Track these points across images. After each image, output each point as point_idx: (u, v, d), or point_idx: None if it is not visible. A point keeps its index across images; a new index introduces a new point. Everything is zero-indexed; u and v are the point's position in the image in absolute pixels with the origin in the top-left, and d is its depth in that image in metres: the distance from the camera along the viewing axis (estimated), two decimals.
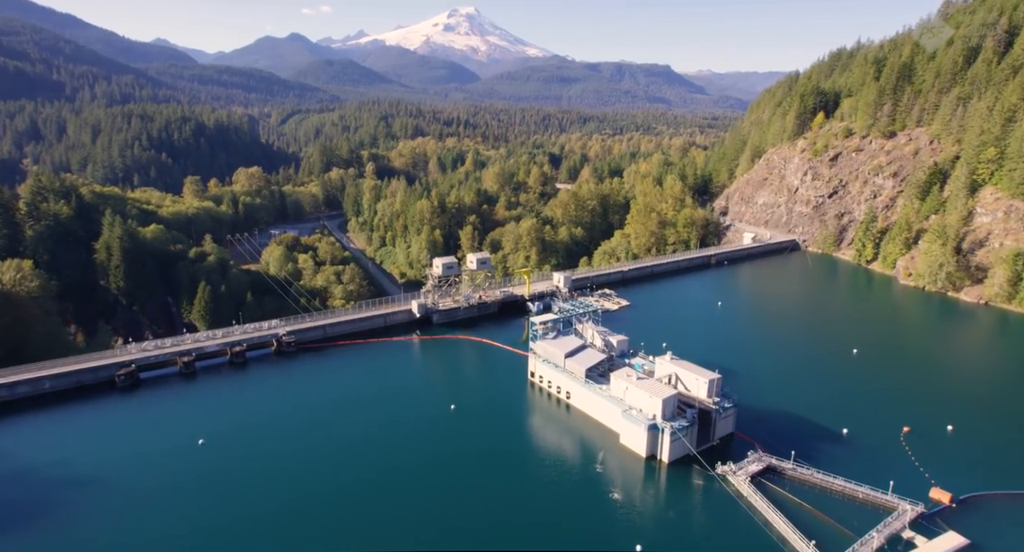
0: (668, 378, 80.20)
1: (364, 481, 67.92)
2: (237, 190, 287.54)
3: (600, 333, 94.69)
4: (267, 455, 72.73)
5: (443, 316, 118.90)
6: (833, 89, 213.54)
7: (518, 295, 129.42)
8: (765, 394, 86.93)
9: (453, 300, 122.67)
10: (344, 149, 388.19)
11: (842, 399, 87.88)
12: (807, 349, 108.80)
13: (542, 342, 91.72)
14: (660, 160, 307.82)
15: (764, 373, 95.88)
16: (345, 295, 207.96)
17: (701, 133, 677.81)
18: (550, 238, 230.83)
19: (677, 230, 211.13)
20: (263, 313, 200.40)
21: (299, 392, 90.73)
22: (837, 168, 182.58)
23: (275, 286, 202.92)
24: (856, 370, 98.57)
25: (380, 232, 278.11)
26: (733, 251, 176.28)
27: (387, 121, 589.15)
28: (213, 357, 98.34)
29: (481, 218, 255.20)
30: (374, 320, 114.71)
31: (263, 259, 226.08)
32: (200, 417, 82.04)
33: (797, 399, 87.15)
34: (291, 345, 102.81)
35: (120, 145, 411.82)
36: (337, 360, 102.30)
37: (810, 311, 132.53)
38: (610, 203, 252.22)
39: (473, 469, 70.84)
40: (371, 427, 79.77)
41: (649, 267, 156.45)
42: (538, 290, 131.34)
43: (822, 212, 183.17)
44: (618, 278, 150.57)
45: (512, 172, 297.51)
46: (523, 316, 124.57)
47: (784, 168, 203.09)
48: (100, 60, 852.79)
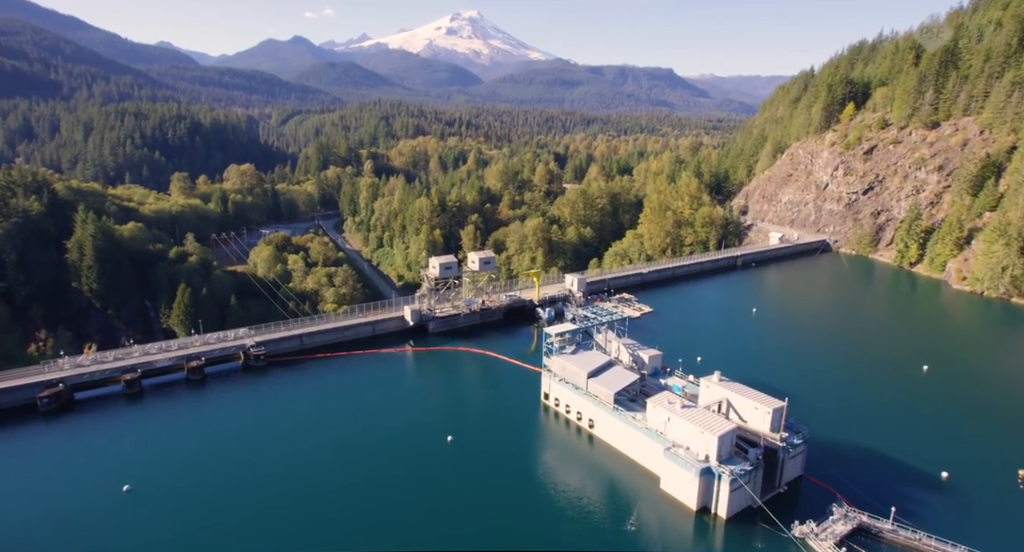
0: (717, 405, 63.71)
1: (338, 537, 51.49)
2: (228, 188, 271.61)
3: (628, 347, 78.15)
4: (212, 506, 56.28)
5: (441, 324, 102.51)
6: (862, 79, 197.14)
7: (526, 300, 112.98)
8: (831, 423, 70.36)
9: (452, 306, 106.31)
10: (342, 147, 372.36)
11: (927, 430, 71.26)
12: (867, 366, 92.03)
13: (559, 358, 75.19)
14: (671, 158, 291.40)
15: (823, 396, 79.20)
16: (337, 298, 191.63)
17: (707, 134, 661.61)
18: (557, 238, 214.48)
19: (695, 230, 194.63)
20: (248, 317, 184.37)
21: (265, 417, 74.30)
22: (872, 162, 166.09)
23: (261, 289, 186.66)
24: (933, 392, 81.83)
25: (377, 232, 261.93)
26: (760, 252, 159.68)
27: (388, 121, 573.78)
28: (165, 373, 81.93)
29: (484, 217, 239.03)
30: (360, 329, 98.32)
31: (251, 260, 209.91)
32: (135, 452, 65.58)
33: (871, 430, 70.57)
34: (261, 358, 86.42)
35: (112, 143, 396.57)
36: (314, 376, 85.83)
37: (858, 320, 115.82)
38: (620, 202, 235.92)
39: (473, 520, 54.47)
40: (349, 464, 63.31)
41: (670, 269, 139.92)
42: (549, 294, 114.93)
43: (856, 210, 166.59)
44: (637, 281, 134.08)
45: (516, 170, 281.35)
46: (532, 324, 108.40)
47: (811, 163, 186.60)
48: (100, 61, 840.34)
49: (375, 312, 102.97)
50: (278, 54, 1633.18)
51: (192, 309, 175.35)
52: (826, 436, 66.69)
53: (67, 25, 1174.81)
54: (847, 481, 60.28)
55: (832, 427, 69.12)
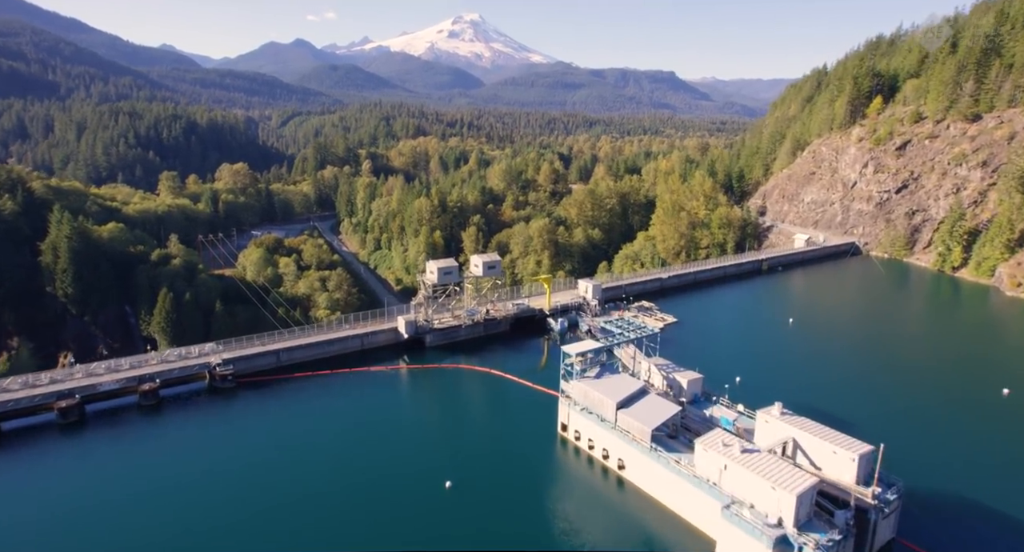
0: (781, 447, 50.69)
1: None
2: (219, 188, 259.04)
3: (661, 368, 65.03)
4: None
5: (439, 337, 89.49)
6: (888, 71, 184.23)
7: (535, 309, 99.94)
8: (913, 465, 57.07)
9: (453, 316, 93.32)
10: (340, 147, 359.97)
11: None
12: (935, 389, 78.72)
13: (580, 383, 62.08)
14: (681, 157, 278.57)
15: (893, 429, 65.96)
16: (330, 304, 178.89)
17: (711, 136, 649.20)
18: (564, 240, 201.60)
19: (711, 232, 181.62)
20: (234, 324, 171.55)
21: (227, 452, 61.30)
22: (906, 158, 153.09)
23: (249, 294, 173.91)
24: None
25: (375, 234, 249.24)
26: (786, 255, 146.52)
27: (388, 122, 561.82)
28: (113, 398, 68.93)
29: (486, 218, 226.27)
30: (347, 343, 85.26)
31: (240, 263, 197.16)
32: (66, 497, 52.59)
33: (960, 471, 57.47)
34: (228, 379, 73.33)
35: (104, 143, 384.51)
36: (290, 401, 72.76)
37: (908, 332, 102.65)
38: (630, 202, 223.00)
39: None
40: (324, 515, 50.27)
41: (692, 274, 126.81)
42: (560, 303, 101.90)
43: (888, 210, 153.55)
44: (656, 287, 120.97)
45: (520, 169, 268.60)
46: (542, 336, 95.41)
47: (836, 160, 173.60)
48: (100, 62, 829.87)
49: (364, 324, 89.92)
50: (280, 57, 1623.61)
51: (174, 315, 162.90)
52: (912, 483, 53.55)
53: (68, 27, 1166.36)
54: (949, 543, 47.24)
55: (915, 470, 55.89)
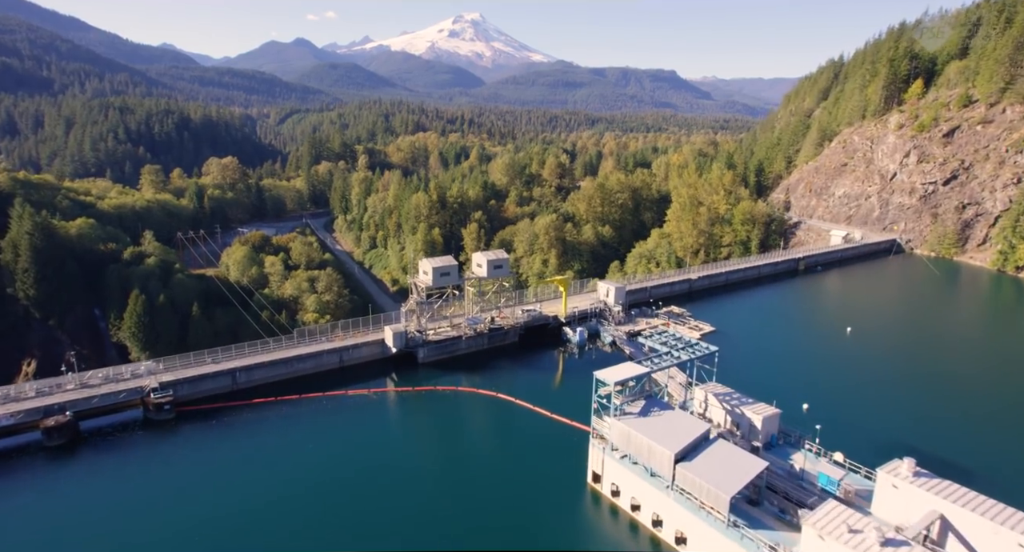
0: (924, 531, 34.77)
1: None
2: (206, 182, 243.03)
3: (722, 399, 49.10)
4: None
5: (434, 351, 73.64)
6: (926, 54, 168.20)
7: (549, 317, 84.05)
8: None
9: (451, 325, 77.44)
10: (336, 142, 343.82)
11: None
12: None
13: (620, 421, 46.00)
14: (693, 150, 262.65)
15: None
16: (319, 307, 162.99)
17: (716, 134, 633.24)
18: (572, 238, 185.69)
19: (733, 228, 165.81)
20: (213, 329, 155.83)
21: (160, 508, 45.46)
22: (955, 146, 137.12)
23: (231, 296, 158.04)
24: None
25: (370, 231, 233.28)
26: (823, 254, 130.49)
27: (387, 119, 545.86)
28: (10, 434, 53.04)
29: (488, 215, 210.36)
30: (322, 359, 69.40)
31: (222, 262, 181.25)
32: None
33: None
34: (166, 408, 57.48)
35: (93, 138, 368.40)
36: (246, 436, 56.95)
37: (994, 345, 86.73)
38: (642, 197, 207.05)
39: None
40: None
41: (723, 275, 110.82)
42: (578, 308, 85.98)
43: (934, 203, 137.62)
44: (683, 289, 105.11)
45: (524, 164, 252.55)
46: (557, 348, 79.63)
47: (872, 150, 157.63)
48: (97, 59, 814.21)
49: (344, 335, 74.00)
50: (280, 56, 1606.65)
51: (146, 319, 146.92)
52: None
53: (68, 26, 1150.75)
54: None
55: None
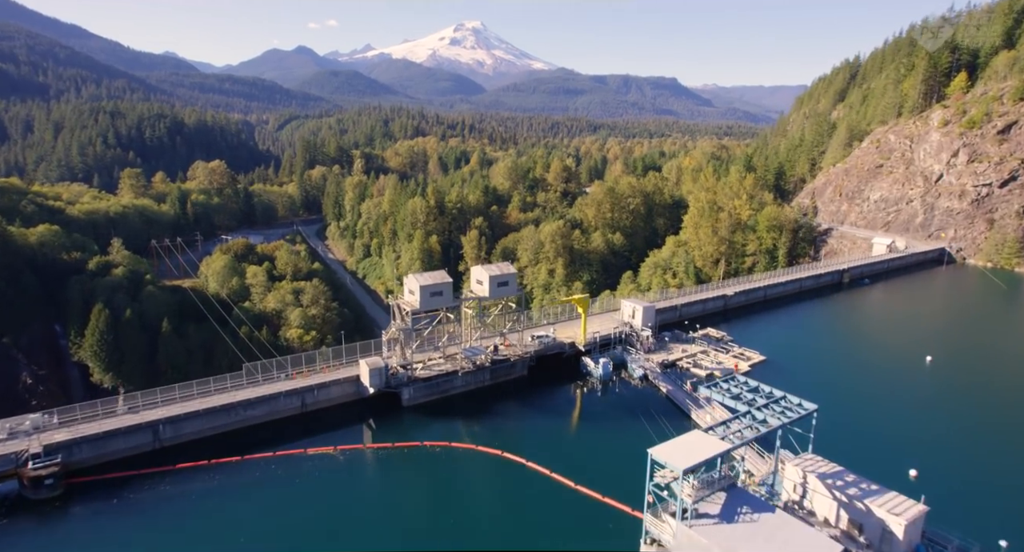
0: None
1: None
2: (190, 187, 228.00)
3: (833, 483, 33.20)
4: None
5: (423, 390, 58.00)
6: (967, 45, 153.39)
7: (565, 343, 68.40)
8: None
9: (444, 356, 61.77)
10: (332, 146, 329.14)
11: None
12: None
13: (693, 531, 30.13)
14: (705, 154, 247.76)
15: None
16: (304, 322, 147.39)
17: (719, 140, 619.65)
18: (581, 246, 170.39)
19: (758, 235, 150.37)
20: (186, 347, 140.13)
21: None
22: (1012, 144, 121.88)
23: (205, 311, 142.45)
24: None
25: (364, 239, 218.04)
26: (868, 265, 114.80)
27: (387, 124, 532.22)
28: None
29: (490, 221, 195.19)
30: (278, 403, 53.64)
31: (201, 272, 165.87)
32: None
33: None
34: (49, 482, 41.71)
35: (81, 143, 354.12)
36: (165, 519, 41.19)
37: None
38: (655, 202, 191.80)
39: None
40: None
41: (761, 290, 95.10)
42: (599, 332, 70.37)
43: (988, 208, 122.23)
44: (718, 306, 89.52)
45: (527, 167, 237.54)
46: (574, 382, 64.03)
47: (911, 150, 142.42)
48: (95, 65, 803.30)
49: (309, 371, 58.35)
50: (282, 64, 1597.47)
51: (110, 337, 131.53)
52: None
53: (69, 33, 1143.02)
54: None
55: None
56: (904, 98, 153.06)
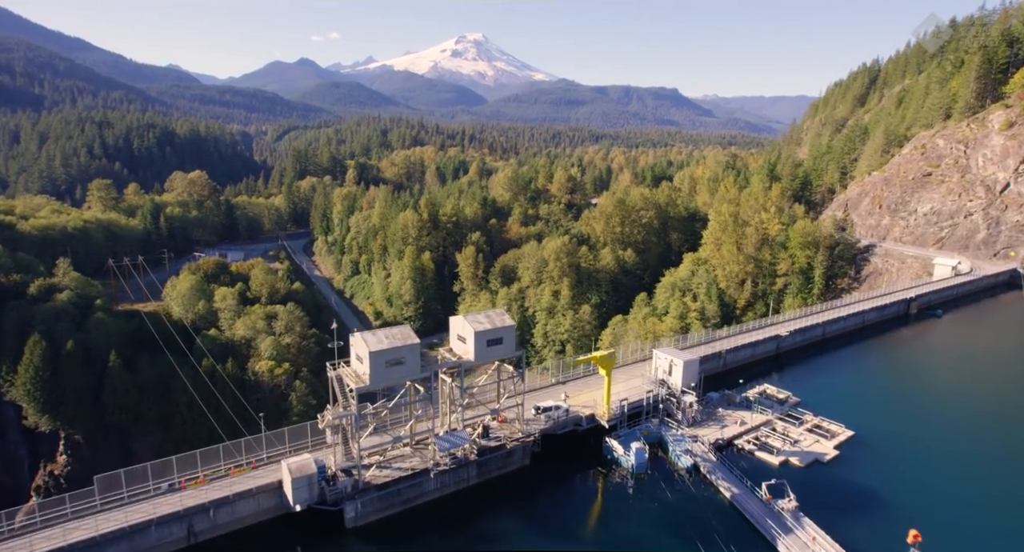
0: None
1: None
2: (167, 199, 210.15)
3: None
4: None
5: (377, 503, 39.02)
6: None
7: (581, 415, 49.43)
8: None
9: (411, 446, 42.71)
10: (324, 156, 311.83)
11: None
12: None
13: None
14: (719, 163, 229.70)
15: None
16: (277, 353, 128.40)
17: (723, 150, 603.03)
18: (588, 264, 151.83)
19: (790, 253, 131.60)
20: (138, 384, 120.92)
21: None
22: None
23: (158, 339, 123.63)
24: None
25: (352, 255, 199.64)
26: (936, 291, 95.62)
27: (385, 134, 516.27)
28: None
29: (488, 236, 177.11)
30: (148, 536, 34.64)
31: (166, 294, 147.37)
32: None
33: None
34: None
35: (65, 153, 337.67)
36: None
37: None
38: (669, 215, 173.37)
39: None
40: None
41: (819, 326, 75.99)
42: (627, 400, 51.48)
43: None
44: (770, 350, 70.59)
45: (529, 177, 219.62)
46: (596, 476, 45.12)
47: (967, 156, 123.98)
48: (94, 77, 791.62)
49: (205, 477, 39.33)
50: (284, 75, 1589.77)
51: (47, 373, 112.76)
52: None
53: (71, 46, 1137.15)
54: None
55: None
56: (953, 99, 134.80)
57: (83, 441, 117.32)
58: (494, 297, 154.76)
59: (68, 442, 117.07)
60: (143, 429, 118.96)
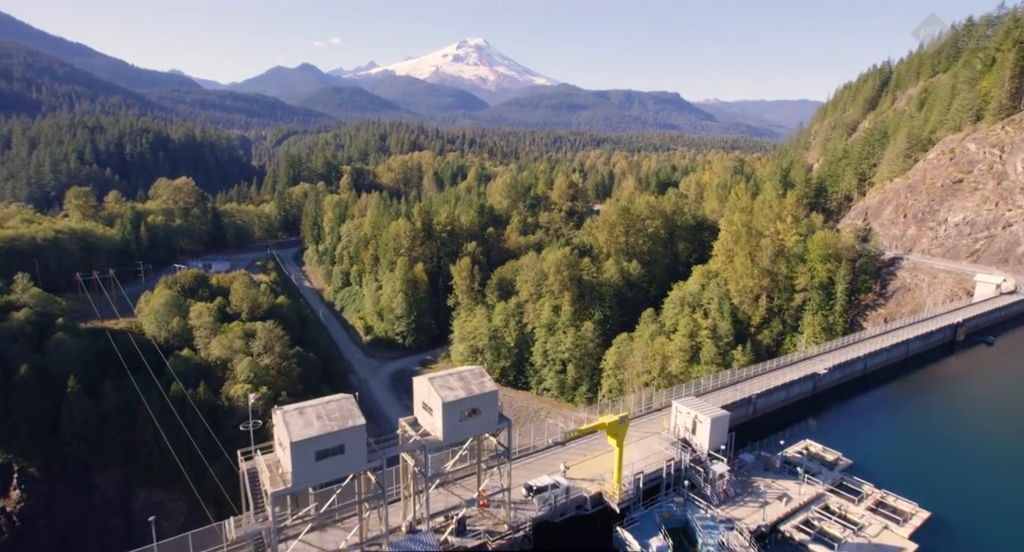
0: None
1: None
2: (151, 207, 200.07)
3: None
4: None
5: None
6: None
7: (585, 495, 38.67)
8: None
9: (360, 548, 32.04)
10: (319, 161, 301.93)
11: None
12: None
13: None
14: (726, 168, 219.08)
15: None
16: (255, 375, 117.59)
17: (727, 154, 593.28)
18: (591, 277, 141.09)
19: (810, 267, 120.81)
20: (100, 412, 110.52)
21: None
22: None
23: (123, 362, 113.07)
24: None
25: (343, 265, 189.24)
26: (981, 315, 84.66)
27: (383, 139, 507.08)
28: None
29: (485, 245, 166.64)
30: None
31: (138, 310, 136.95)
32: None
33: None
34: None
35: (55, 158, 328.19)
36: None
37: None
38: (676, 225, 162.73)
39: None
40: None
41: (860, 360, 65.09)
42: (641, 471, 40.68)
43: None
44: (806, 391, 59.79)
45: (528, 184, 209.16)
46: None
47: (1003, 161, 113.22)
48: (94, 82, 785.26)
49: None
50: (286, 81, 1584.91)
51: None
52: None
53: (74, 52, 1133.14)
54: None
55: None
56: (984, 99, 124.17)
57: (39, 475, 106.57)
58: (490, 312, 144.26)
59: (22, 476, 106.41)
60: (105, 461, 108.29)
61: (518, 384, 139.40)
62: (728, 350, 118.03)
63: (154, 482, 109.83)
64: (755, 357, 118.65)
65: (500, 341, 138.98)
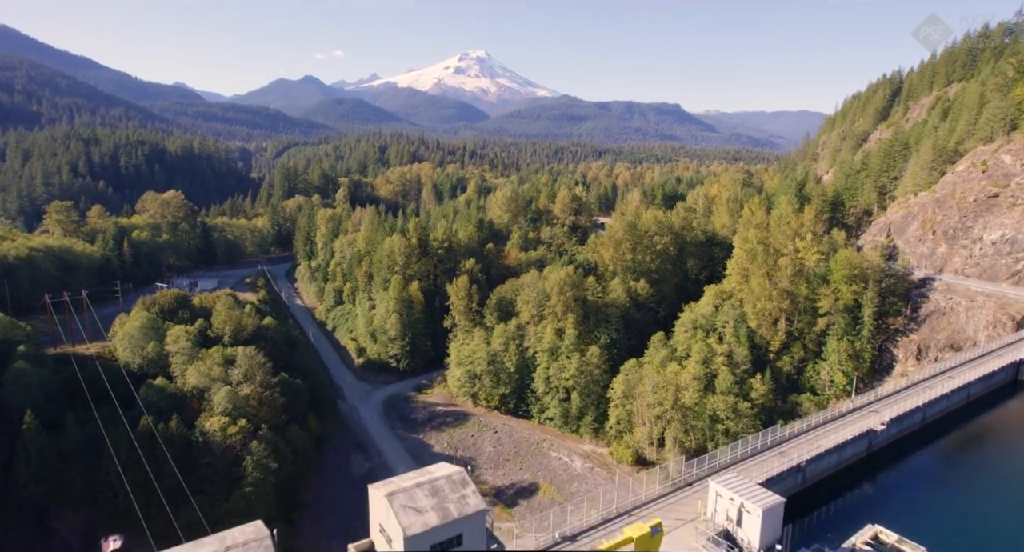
0: None
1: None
2: (136, 222, 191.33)
3: None
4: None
5: None
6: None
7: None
8: None
9: None
10: (315, 173, 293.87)
11: None
12: None
13: None
14: (735, 180, 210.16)
15: None
16: (234, 407, 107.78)
17: (731, 165, 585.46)
18: (596, 297, 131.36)
19: (833, 288, 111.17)
20: (61, 451, 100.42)
21: None
22: None
23: (87, 393, 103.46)
24: None
25: (336, 283, 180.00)
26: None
27: (383, 150, 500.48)
28: None
29: (485, 263, 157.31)
30: None
31: (111, 334, 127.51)
32: None
33: None
34: None
35: (47, 171, 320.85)
36: None
37: None
38: (686, 241, 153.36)
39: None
40: None
41: (919, 410, 55.25)
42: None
43: None
44: (860, 452, 49.92)
45: (530, 197, 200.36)
46: None
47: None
48: (96, 95, 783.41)
49: None
50: (288, 93, 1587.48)
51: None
52: None
53: (78, 65, 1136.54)
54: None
55: None
56: (1019, 108, 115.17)
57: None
58: (489, 334, 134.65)
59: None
60: (66, 504, 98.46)
61: (518, 412, 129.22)
62: (746, 378, 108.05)
63: (120, 527, 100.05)
64: (775, 386, 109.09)
65: (499, 366, 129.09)
